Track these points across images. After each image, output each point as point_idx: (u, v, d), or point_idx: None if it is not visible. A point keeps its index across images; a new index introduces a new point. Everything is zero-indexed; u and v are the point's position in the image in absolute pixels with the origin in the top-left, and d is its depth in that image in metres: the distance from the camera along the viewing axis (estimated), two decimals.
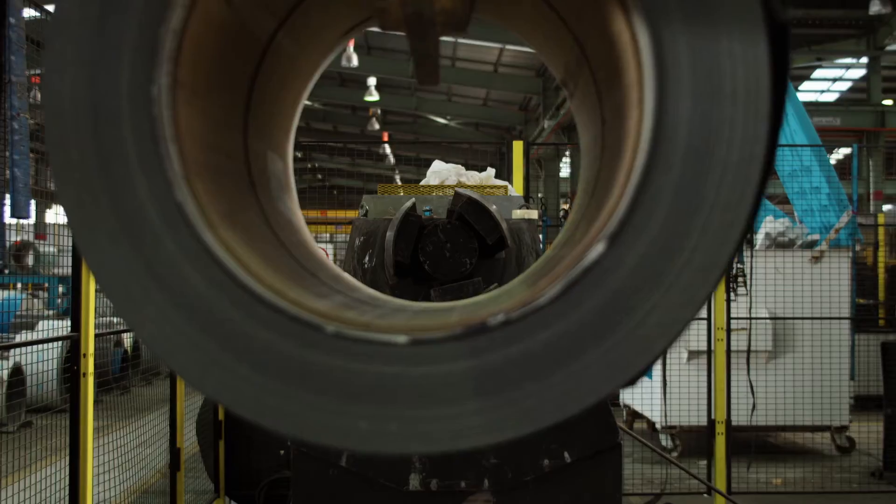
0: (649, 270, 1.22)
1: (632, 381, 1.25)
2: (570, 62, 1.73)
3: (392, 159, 30.51)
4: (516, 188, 6.59)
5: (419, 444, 1.23)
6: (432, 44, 1.45)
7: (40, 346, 6.00)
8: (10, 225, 4.10)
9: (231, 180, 1.50)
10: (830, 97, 27.51)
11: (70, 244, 4.24)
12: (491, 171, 6.45)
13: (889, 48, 20.49)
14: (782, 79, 1.22)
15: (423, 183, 4.57)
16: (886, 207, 24.76)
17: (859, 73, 25.23)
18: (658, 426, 8.06)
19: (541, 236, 5.81)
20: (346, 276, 2.02)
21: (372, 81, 22.43)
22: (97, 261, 1.23)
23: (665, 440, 8.07)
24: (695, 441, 7.92)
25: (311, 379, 1.24)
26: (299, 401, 1.23)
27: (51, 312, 11.91)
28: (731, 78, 1.23)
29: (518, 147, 7.08)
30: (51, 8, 4.68)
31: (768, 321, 7.82)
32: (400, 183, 6.09)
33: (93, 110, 1.22)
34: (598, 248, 1.20)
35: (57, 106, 1.21)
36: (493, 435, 1.19)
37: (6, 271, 11.51)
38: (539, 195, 14.92)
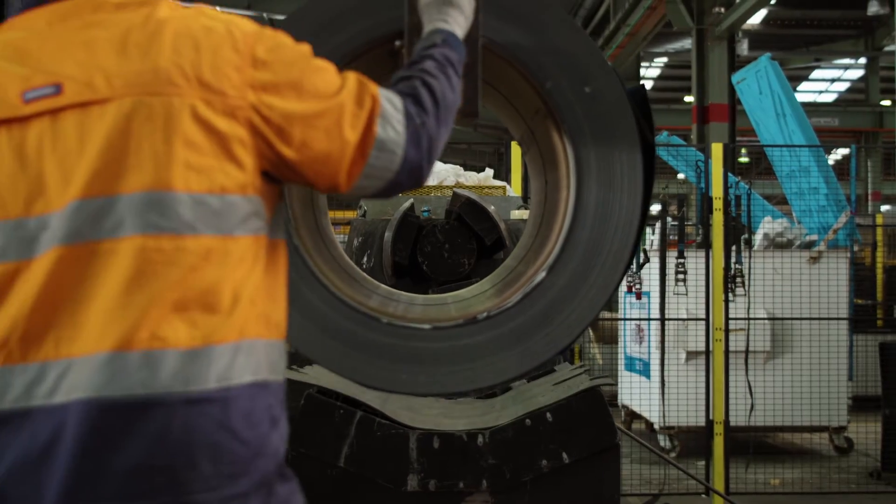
0: (571, 288, 2.21)
1: (562, 352, 2.37)
2: (524, 136, 2.67)
3: None
4: (514, 189, 6.59)
5: (437, 388, 2.25)
6: None
7: None
8: None
9: (309, 221, 2.29)
10: (829, 98, 27.53)
11: None
12: (489, 172, 6.44)
13: (887, 49, 20.51)
14: (650, 176, 2.23)
15: None
16: (885, 208, 24.79)
17: (857, 73, 25.24)
18: (656, 426, 8.06)
19: None
20: (366, 275, 2.63)
21: None
22: None
23: (663, 440, 8.08)
24: (693, 441, 7.92)
25: (372, 350, 2.09)
26: (366, 362, 2.11)
27: None
28: (619, 175, 2.21)
29: (516, 148, 7.09)
30: None
31: (766, 322, 7.81)
32: None
33: None
34: (542, 274, 2.22)
35: None
36: (476, 383, 2.21)
37: None
38: None
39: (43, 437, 1.18)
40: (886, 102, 24.10)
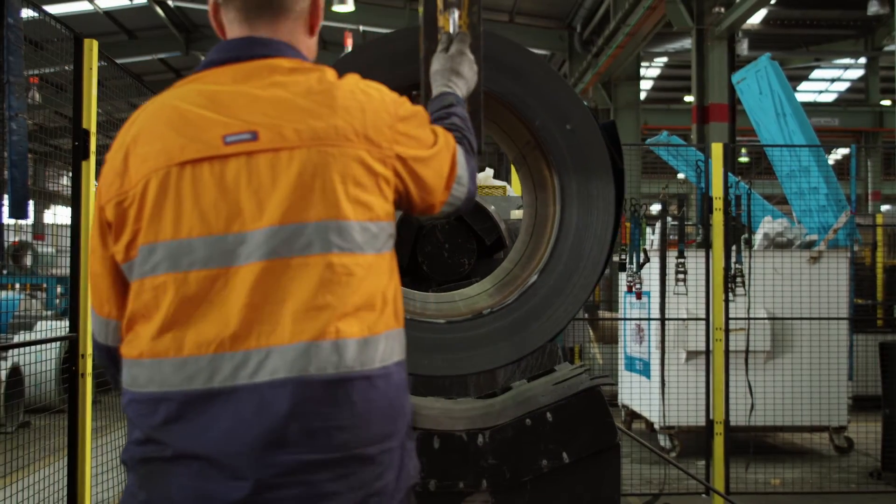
0: (558, 288, 2.76)
1: (550, 340, 2.83)
2: (517, 158, 3.18)
3: None
4: (515, 189, 6.59)
5: (451, 370, 2.76)
6: None
7: (39, 347, 6.00)
8: (8, 225, 4.09)
9: None
10: (829, 97, 27.50)
11: (68, 244, 4.23)
12: (489, 172, 6.44)
13: (887, 49, 20.50)
14: (620, 196, 2.79)
15: None
16: (885, 208, 24.79)
17: (857, 73, 25.22)
18: (656, 426, 8.06)
19: None
20: None
21: None
22: None
23: (663, 440, 8.08)
24: (693, 441, 7.92)
25: None
26: None
27: (49, 313, 11.89)
28: (596, 198, 2.76)
29: None
30: (49, 8, 4.66)
31: (767, 321, 7.82)
32: None
33: None
34: (534, 277, 2.77)
35: None
36: (481, 366, 2.77)
37: (4, 272, 11.49)
38: None
39: (250, 408, 1.53)
40: (886, 102, 24.10)
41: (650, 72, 24.98)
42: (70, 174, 4.24)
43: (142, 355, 1.59)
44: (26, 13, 3.81)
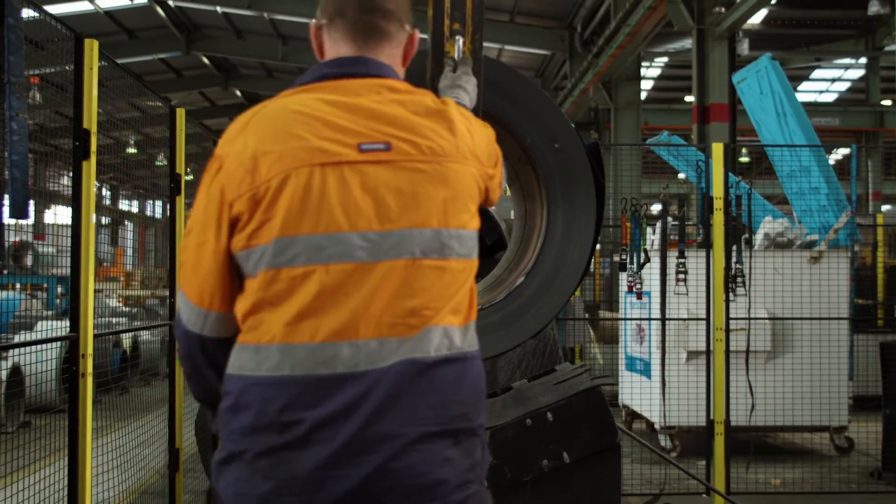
0: (543, 288, 3.07)
1: (535, 335, 3.16)
2: (510, 174, 3.37)
3: None
4: None
5: None
6: None
7: (39, 347, 5.99)
8: (8, 225, 4.09)
9: None
10: (829, 97, 27.49)
11: (69, 244, 4.22)
12: None
13: (888, 49, 20.49)
14: (601, 208, 3.13)
15: None
16: (885, 208, 24.80)
17: (858, 73, 25.21)
18: (657, 426, 8.06)
19: None
20: None
21: None
22: None
23: (664, 440, 8.08)
24: (694, 441, 7.92)
25: None
26: None
27: (50, 313, 11.89)
28: (579, 207, 3.08)
29: None
30: (50, 8, 4.66)
31: (767, 321, 7.82)
32: None
33: None
34: (521, 278, 3.09)
35: None
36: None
37: (5, 271, 11.50)
38: None
39: (377, 389, 1.69)
40: (887, 102, 24.09)
41: (651, 72, 24.97)
42: (70, 174, 4.24)
43: (273, 340, 1.71)
44: (27, 13, 3.81)
